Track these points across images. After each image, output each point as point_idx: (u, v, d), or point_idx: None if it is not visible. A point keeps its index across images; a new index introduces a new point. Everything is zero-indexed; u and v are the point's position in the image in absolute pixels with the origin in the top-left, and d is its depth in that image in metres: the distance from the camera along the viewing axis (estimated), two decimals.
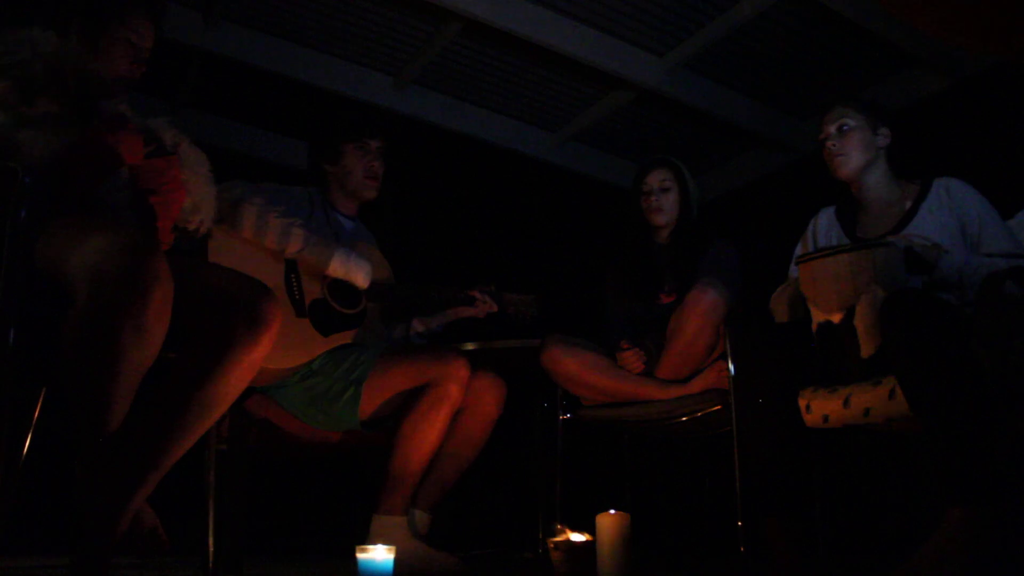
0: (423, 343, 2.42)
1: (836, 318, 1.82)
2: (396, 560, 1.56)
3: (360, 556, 1.54)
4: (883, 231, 2.02)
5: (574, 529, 1.80)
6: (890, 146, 2.08)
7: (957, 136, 3.04)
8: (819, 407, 1.88)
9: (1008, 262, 1.84)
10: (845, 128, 2.07)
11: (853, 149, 2.06)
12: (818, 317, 1.88)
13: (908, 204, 2.03)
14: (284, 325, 1.93)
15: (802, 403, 1.91)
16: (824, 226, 2.18)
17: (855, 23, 2.92)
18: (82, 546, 1.21)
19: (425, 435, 1.97)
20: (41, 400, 1.50)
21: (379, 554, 1.54)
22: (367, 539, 1.90)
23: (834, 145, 2.08)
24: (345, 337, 2.12)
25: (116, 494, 1.25)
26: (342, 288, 2.16)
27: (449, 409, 2.00)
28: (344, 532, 2.14)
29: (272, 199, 2.13)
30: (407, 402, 2.01)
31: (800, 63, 3.29)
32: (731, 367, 2.13)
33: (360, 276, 2.11)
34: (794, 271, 2.11)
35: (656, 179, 2.55)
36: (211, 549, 1.70)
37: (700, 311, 2.21)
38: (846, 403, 1.82)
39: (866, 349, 1.73)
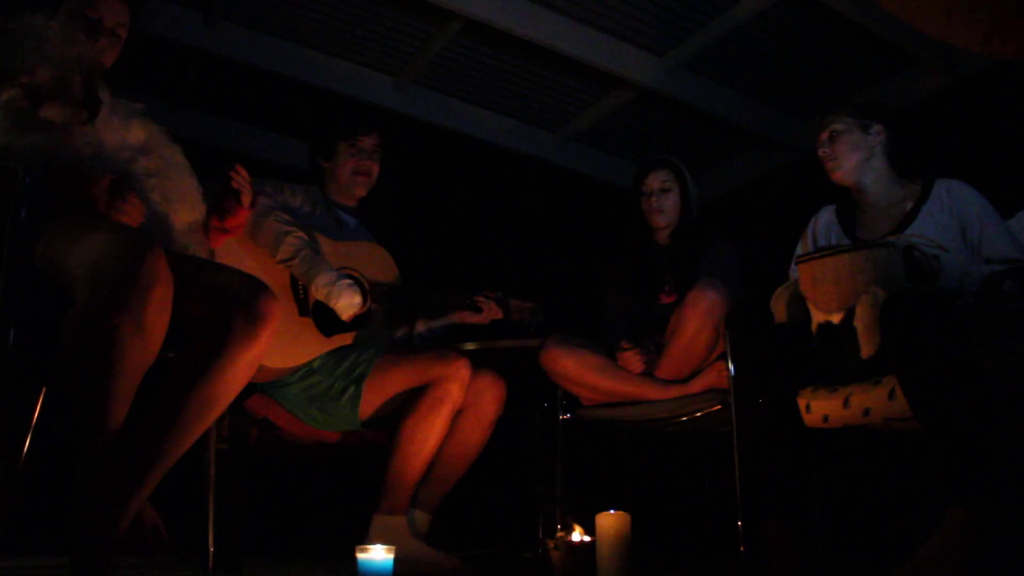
0: (424, 343, 2.42)
1: (836, 318, 1.82)
2: (396, 560, 1.56)
3: (360, 556, 1.54)
4: (884, 231, 2.02)
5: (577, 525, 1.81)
6: (888, 144, 2.08)
7: (957, 136, 3.04)
8: (819, 407, 1.88)
9: (1008, 268, 1.84)
10: (835, 133, 2.08)
11: (843, 152, 2.07)
12: (818, 317, 1.88)
13: (909, 205, 2.03)
14: (286, 324, 1.93)
15: (802, 403, 1.91)
16: (824, 225, 2.18)
17: (855, 23, 2.92)
18: (82, 546, 1.21)
19: (426, 435, 1.97)
20: (41, 400, 1.50)
21: (379, 554, 1.54)
22: (367, 539, 1.90)
23: (825, 152, 2.09)
24: (346, 338, 2.12)
25: (116, 494, 1.25)
26: None
27: (450, 409, 2.00)
28: (344, 532, 2.14)
29: (275, 195, 2.13)
30: (407, 402, 2.01)
31: (800, 63, 3.29)
32: (731, 367, 2.13)
33: (341, 304, 1.98)
34: (794, 271, 2.12)
35: (656, 180, 2.55)
36: (211, 549, 1.70)
37: (700, 311, 2.21)
38: (846, 403, 1.82)
39: (866, 349, 1.73)
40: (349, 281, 2.01)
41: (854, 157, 2.06)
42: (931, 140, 2.98)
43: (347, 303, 1.98)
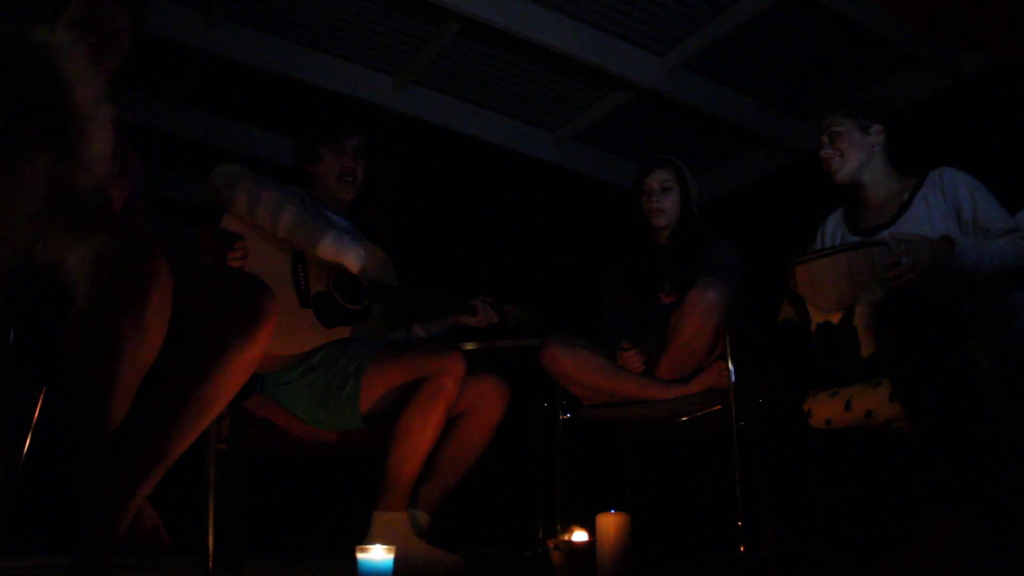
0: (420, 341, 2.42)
1: (835, 318, 1.82)
2: (396, 558, 1.56)
3: (360, 556, 1.54)
4: (882, 223, 2.03)
5: (576, 527, 1.80)
6: (887, 143, 2.10)
7: (957, 136, 3.04)
8: (821, 411, 1.88)
9: (1011, 239, 1.84)
10: (834, 135, 2.10)
11: (845, 154, 2.09)
12: (817, 318, 1.88)
13: (906, 196, 2.05)
14: (285, 313, 1.93)
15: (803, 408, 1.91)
16: (831, 228, 2.20)
17: (855, 23, 2.92)
18: (82, 546, 1.21)
19: (422, 430, 1.97)
20: (41, 400, 1.50)
21: (379, 554, 1.54)
22: (367, 536, 1.90)
23: (828, 154, 2.11)
24: (345, 331, 2.12)
25: (116, 493, 1.25)
26: (347, 284, 2.16)
27: (445, 403, 1.99)
28: (344, 532, 2.14)
29: (263, 180, 2.12)
30: (404, 398, 2.01)
31: (800, 63, 3.29)
32: (731, 367, 2.13)
33: (351, 258, 2.03)
34: None
35: (657, 179, 2.55)
36: (211, 549, 1.70)
37: (700, 311, 2.21)
38: (847, 406, 1.82)
39: (866, 349, 1.74)
40: (349, 235, 2.07)
41: (855, 158, 2.09)
42: (931, 140, 2.98)
43: (356, 254, 2.04)
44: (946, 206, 1.97)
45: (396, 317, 2.40)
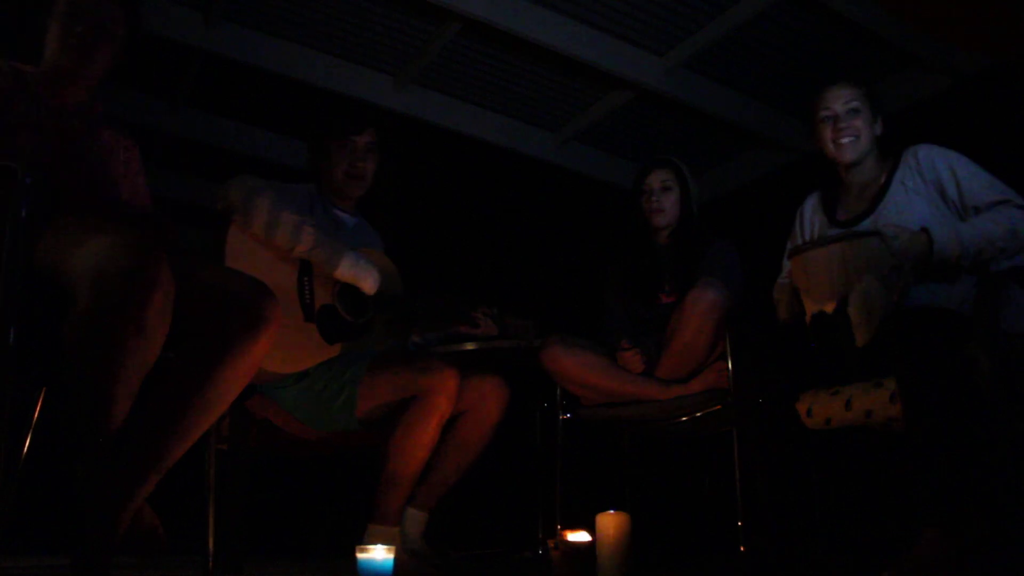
0: (416, 350, 2.41)
1: (829, 308, 1.81)
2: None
3: (360, 556, 1.55)
4: (861, 209, 2.01)
5: (574, 529, 1.80)
6: (880, 136, 2.07)
7: (957, 136, 3.03)
8: (820, 411, 1.87)
9: (992, 214, 1.82)
10: (854, 111, 2.02)
11: (862, 134, 2.01)
12: (812, 308, 1.87)
13: (883, 179, 2.00)
14: (291, 329, 1.93)
15: (803, 407, 1.90)
16: (809, 214, 2.18)
17: (855, 23, 2.92)
18: (82, 546, 1.21)
19: (413, 447, 1.96)
20: (41, 400, 1.50)
21: (379, 554, 1.54)
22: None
23: (845, 126, 2.01)
24: (336, 348, 2.11)
25: (117, 494, 1.25)
26: (351, 296, 2.15)
27: (438, 420, 1.97)
28: (344, 532, 2.14)
29: (279, 196, 2.12)
30: (398, 410, 2.00)
31: (800, 63, 3.29)
32: (731, 367, 2.13)
33: (368, 282, 2.06)
34: (788, 264, 2.11)
35: (657, 179, 2.55)
36: (211, 549, 1.70)
37: (700, 311, 2.21)
38: (847, 406, 1.82)
39: (861, 338, 1.73)
40: (366, 259, 2.10)
41: (865, 143, 2.02)
42: (931, 140, 2.98)
43: (373, 279, 2.08)
44: (927, 187, 1.92)
45: (396, 324, 2.40)
